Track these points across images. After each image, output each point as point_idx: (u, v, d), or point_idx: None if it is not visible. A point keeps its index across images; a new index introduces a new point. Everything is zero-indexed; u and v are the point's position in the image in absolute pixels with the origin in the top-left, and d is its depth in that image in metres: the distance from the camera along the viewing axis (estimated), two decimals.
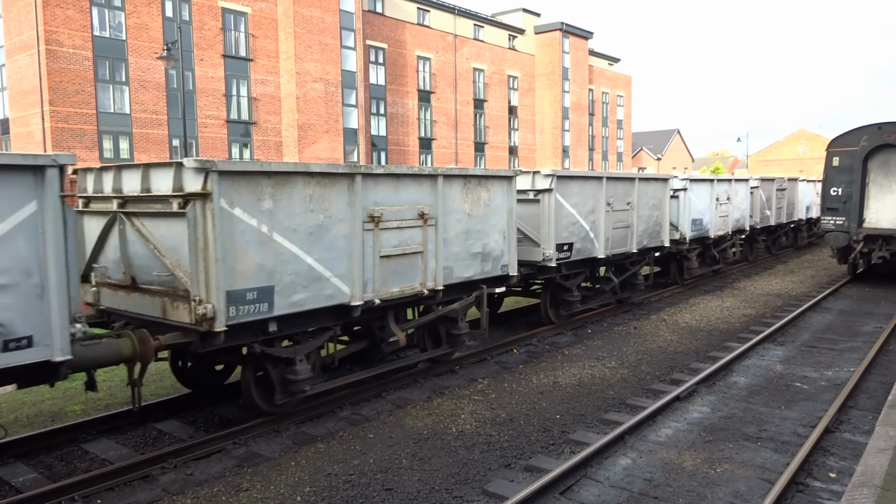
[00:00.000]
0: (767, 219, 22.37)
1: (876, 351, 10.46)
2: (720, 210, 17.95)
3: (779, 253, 24.82)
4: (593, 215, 12.38)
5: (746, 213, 19.91)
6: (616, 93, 64.90)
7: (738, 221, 19.45)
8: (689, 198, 16.18)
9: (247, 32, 32.99)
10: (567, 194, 11.64)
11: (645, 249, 14.36)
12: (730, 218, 18.65)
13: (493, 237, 9.81)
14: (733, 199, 18.78)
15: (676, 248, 16.22)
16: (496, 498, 5.81)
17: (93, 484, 6.03)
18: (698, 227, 16.82)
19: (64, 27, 26.72)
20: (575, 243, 11.91)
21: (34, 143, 27.24)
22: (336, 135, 35.80)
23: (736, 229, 19.32)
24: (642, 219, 13.96)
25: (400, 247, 8.25)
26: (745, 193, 19.72)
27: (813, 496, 5.85)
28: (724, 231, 18.38)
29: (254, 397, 7.48)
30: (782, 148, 76.38)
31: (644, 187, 13.99)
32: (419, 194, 8.50)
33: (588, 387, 9.05)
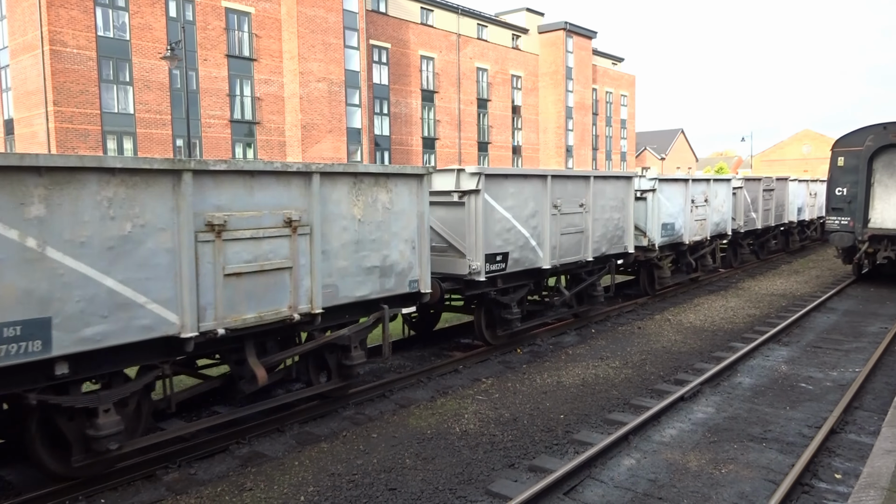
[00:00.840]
0: (753, 222, 20.63)
1: (881, 351, 10.41)
2: (696, 213, 16.33)
3: (768, 258, 23.17)
4: (535, 220, 10.72)
5: (728, 216, 18.20)
6: (620, 92, 64.81)
7: (719, 225, 17.72)
8: (658, 199, 14.60)
9: (250, 32, 33.03)
10: (500, 196, 9.99)
11: (604, 257, 12.66)
12: (708, 222, 16.96)
13: (396, 248, 8.23)
14: (712, 200, 17.09)
15: (644, 256, 14.57)
16: (500, 498, 5.79)
17: (96, 483, 6.03)
18: (670, 231, 15.19)
19: (68, 27, 26.77)
20: (511, 252, 10.27)
21: (38, 143, 27.32)
22: (339, 134, 35.82)
23: (716, 234, 17.67)
24: (599, 223, 12.31)
25: (256, 262, 6.62)
26: (726, 195, 18.00)
27: (818, 497, 5.82)
28: (702, 236, 16.72)
29: (42, 459, 5.83)
30: (786, 148, 76.19)
31: (601, 187, 12.35)
32: (285, 196, 6.88)
33: (592, 387, 9.03)
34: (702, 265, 17.37)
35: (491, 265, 9.90)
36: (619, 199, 12.99)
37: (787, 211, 23.66)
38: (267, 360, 7.18)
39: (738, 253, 20.82)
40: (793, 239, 25.33)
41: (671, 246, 15.60)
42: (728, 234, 18.36)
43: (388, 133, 41.56)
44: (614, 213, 12.82)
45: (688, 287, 17.24)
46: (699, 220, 16.52)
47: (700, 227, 16.62)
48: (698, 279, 17.85)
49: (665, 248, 15.32)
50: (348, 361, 7.95)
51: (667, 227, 14.99)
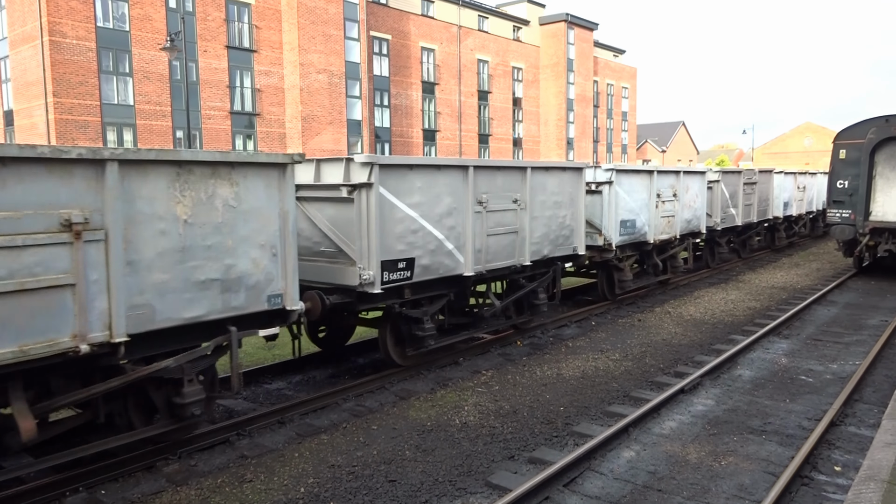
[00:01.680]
0: (732, 218, 18.83)
1: (882, 344, 10.41)
2: (663, 209, 14.59)
3: (750, 257, 21.43)
4: (452, 219, 9.05)
5: (702, 212, 16.42)
6: (621, 84, 64.62)
7: (691, 223, 15.94)
8: (616, 193, 12.96)
9: (250, 23, 32.90)
10: (402, 190, 8.35)
11: (547, 260, 11.07)
12: (678, 218, 15.19)
13: (246, 255, 6.56)
14: (683, 195, 15.35)
15: (600, 257, 13.06)
16: (500, 490, 5.80)
17: (96, 475, 6.04)
18: (631, 229, 13.49)
19: (67, 18, 26.67)
20: (419, 258, 8.62)
21: (38, 134, 27.27)
22: (340, 126, 35.74)
23: (689, 232, 15.92)
24: (540, 221, 10.65)
25: (15, 280, 5.01)
26: (699, 189, 16.24)
27: (818, 490, 5.83)
28: (670, 234, 14.97)
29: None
30: (788, 140, 76.08)
31: (542, 180, 10.65)
32: (62, 193, 5.27)
33: (592, 379, 9.03)
34: (672, 266, 15.68)
35: (390, 273, 8.29)
36: (567, 193, 11.28)
37: (771, 206, 21.90)
38: (39, 408, 5.57)
39: (716, 252, 19.12)
40: (779, 236, 23.61)
41: (634, 245, 13.93)
42: (702, 231, 16.51)
43: (388, 125, 41.47)
44: (560, 209, 11.10)
45: (656, 290, 15.67)
46: (667, 217, 14.71)
47: (668, 225, 14.81)
48: (668, 282, 16.15)
49: (626, 248, 13.69)
50: (179, 399, 6.35)
51: (627, 224, 13.30)
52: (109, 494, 5.86)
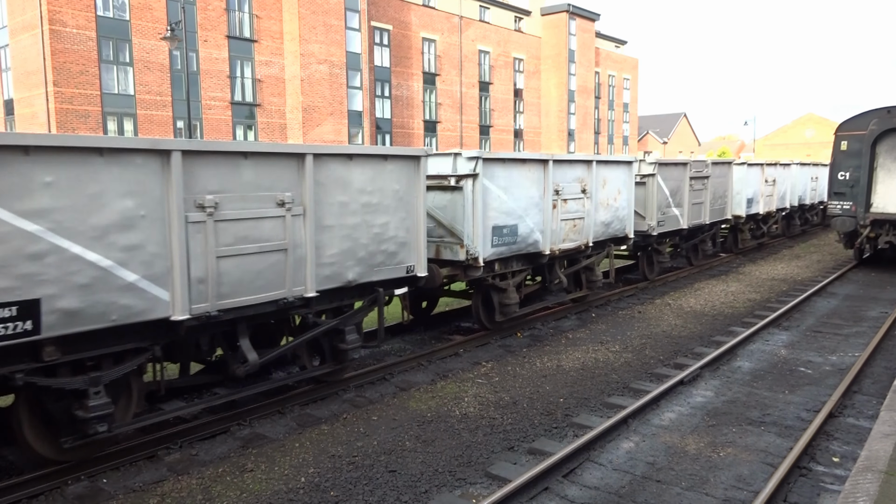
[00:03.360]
0: (675, 219, 15.57)
1: (881, 336, 10.43)
2: (565, 210, 11.40)
3: (706, 264, 18.34)
4: None
5: (627, 212, 13.24)
6: (623, 76, 64.40)
7: (611, 226, 12.81)
8: (483, 191, 9.64)
9: (251, 13, 32.77)
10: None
11: (356, 287, 8.03)
12: (588, 222, 12.01)
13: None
14: (597, 192, 12.19)
15: (465, 275, 9.91)
16: (499, 480, 5.83)
17: (98, 463, 6.07)
18: (509, 238, 10.27)
19: (67, 7, 26.57)
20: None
21: (38, 123, 27.22)
22: (340, 117, 35.66)
23: (607, 237, 12.83)
24: (337, 233, 7.57)
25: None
26: (623, 184, 13.03)
27: (816, 480, 5.86)
28: (578, 242, 11.85)
29: None
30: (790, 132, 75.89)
31: (341, 175, 7.57)
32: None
33: (592, 370, 9.05)
34: (588, 280, 12.80)
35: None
36: (391, 192, 8.17)
37: (730, 203, 18.77)
38: None
39: (656, 261, 15.74)
40: (743, 237, 20.41)
41: (522, 258, 10.92)
42: (629, 236, 13.52)
43: (389, 116, 41.37)
44: (378, 215, 8.01)
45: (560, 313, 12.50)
46: (571, 220, 11.56)
47: (573, 230, 11.69)
48: (585, 299, 13.13)
49: (508, 262, 10.64)
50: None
51: (504, 231, 10.14)
52: (111, 483, 5.89)
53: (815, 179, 25.89)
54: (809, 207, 26.20)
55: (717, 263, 18.79)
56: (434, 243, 9.83)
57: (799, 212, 25.09)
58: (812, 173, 25.60)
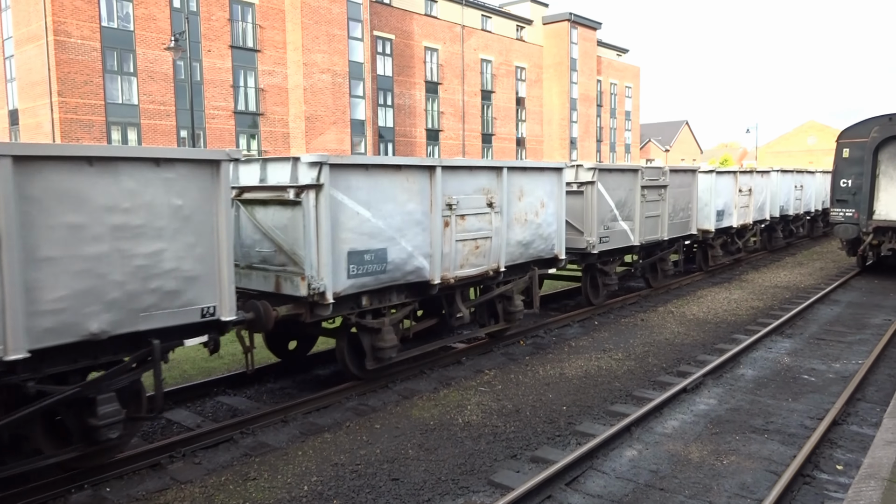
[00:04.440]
0: (623, 235, 13.38)
1: (885, 343, 10.40)
2: (463, 228, 9.19)
3: (666, 285, 16.04)
4: None
5: (554, 228, 11.07)
6: (624, 84, 64.56)
7: (531, 246, 10.60)
8: (335, 206, 7.48)
9: (254, 23, 32.97)
10: None
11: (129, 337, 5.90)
12: (498, 242, 9.79)
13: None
14: (511, 205, 10.06)
15: (312, 316, 7.65)
16: (502, 489, 5.82)
17: (101, 472, 6.08)
18: (376, 265, 8.04)
19: (72, 18, 26.77)
20: None
21: (43, 133, 27.37)
22: (343, 126, 35.79)
23: (528, 260, 10.67)
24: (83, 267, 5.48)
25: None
26: (548, 194, 10.88)
27: (819, 488, 5.84)
28: (482, 267, 9.65)
29: None
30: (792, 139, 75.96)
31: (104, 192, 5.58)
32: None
33: (594, 378, 9.05)
34: (507, 311, 10.57)
35: None
36: (167, 209, 5.99)
37: (695, 216, 16.44)
38: None
39: (602, 283, 13.36)
40: (713, 254, 18.15)
41: (403, 289, 8.69)
42: (559, 257, 11.29)
43: (391, 125, 41.52)
44: (143, 241, 5.83)
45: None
46: (471, 241, 9.32)
47: (475, 253, 9.43)
48: (505, 332, 10.91)
49: (381, 295, 8.42)
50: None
51: (363, 257, 7.80)
52: (114, 492, 5.90)
53: (799, 188, 23.67)
54: (794, 218, 23.91)
55: (726, 267, 18.77)
56: (274, 274, 7.59)
57: (781, 223, 22.93)
58: (796, 181, 23.34)
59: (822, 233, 27.71)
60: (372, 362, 8.42)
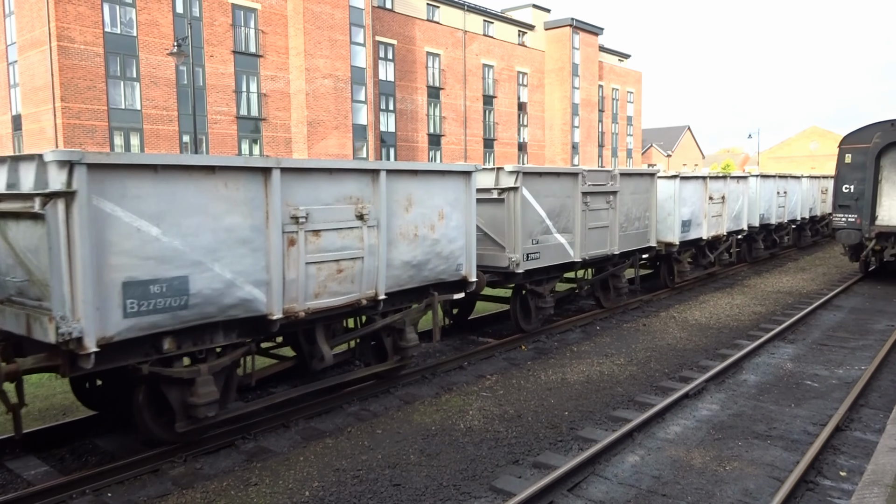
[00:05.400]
0: (558, 251, 11.40)
1: (888, 349, 10.37)
2: (317, 248, 7.29)
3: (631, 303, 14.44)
4: None
5: (462, 245, 9.17)
6: (626, 89, 64.62)
7: (426, 268, 8.71)
8: (90, 215, 5.44)
9: (257, 29, 33.07)
10: None
11: None
12: (365, 267, 7.81)
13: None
14: (392, 217, 8.11)
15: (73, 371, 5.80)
16: (504, 494, 5.81)
17: (103, 478, 6.07)
18: (176, 299, 6.08)
19: (75, 23, 26.86)
20: None
21: (46, 139, 27.45)
22: (345, 131, 35.85)
23: (421, 284, 8.78)
24: None
25: None
26: (448, 203, 8.91)
27: (823, 495, 5.82)
28: (350, 296, 7.72)
29: None
30: (794, 144, 75.97)
31: None
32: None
33: (597, 383, 9.03)
34: (397, 347, 8.82)
35: None
36: None
37: (654, 227, 14.38)
38: None
39: (534, 307, 11.45)
40: (680, 268, 16.25)
41: (240, 324, 6.86)
42: (470, 279, 9.42)
43: (393, 129, 41.58)
44: None
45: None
46: (329, 262, 7.39)
47: (336, 278, 7.49)
48: (399, 371, 9.08)
49: (195, 336, 6.52)
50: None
51: (149, 289, 5.87)
52: (115, 497, 5.89)
53: (782, 194, 21.91)
54: (777, 228, 22.09)
55: (729, 272, 18.73)
56: (25, 312, 5.66)
57: (763, 233, 21.22)
58: (779, 187, 21.61)
59: (811, 242, 26.27)
60: (183, 423, 6.53)
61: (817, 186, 26.01)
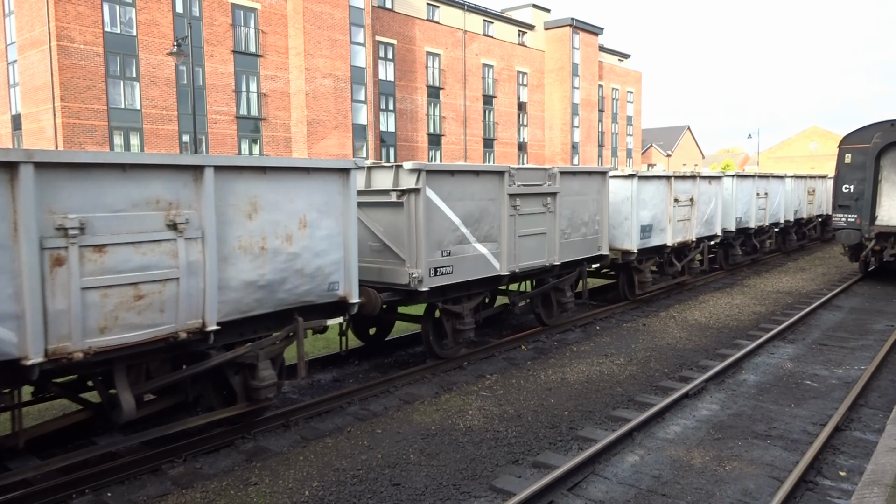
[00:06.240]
0: (478, 263, 9.72)
1: (887, 349, 10.38)
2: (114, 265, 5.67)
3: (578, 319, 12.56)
4: None
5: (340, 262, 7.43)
6: (626, 89, 64.63)
7: (279, 290, 7.03)
8: None
9: (256, 28, 33.06)
10: None
11: None
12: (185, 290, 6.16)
13: None
14: (224, 228, 6.47)
15: None
16: (504, 494, 5.81)
17: (103, 477, 6.07)
18: None
19: (75, 23, 26.86)
20: None
21: (46, 138, 27.44)
22: (345, 131, 35.85)
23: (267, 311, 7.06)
24: None
25: None
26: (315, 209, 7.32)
27: (822, 494, 5.82)
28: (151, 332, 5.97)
29: None
30: (794, 144, 75.96)
31: None
32: None
33: (596, 383, 9.03)
34: (248, 388, 7.20)
35: None
36: None
37: (605, 233, 12.69)
38: None
39: (450, 329, 9.86)
40: (641, 278, 14.53)
41: None
42: (350, 300, 7.79)
43: (393, 129, 41.58)
44: None
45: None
46: (122, 286, 5.75)
47: (133, 307, 5.84)
48: (254, 417, 7.38)
49: None
50: None
51: None
52: (115, 497, 5.89)
53: (762, 196, 20.22)
54: (757, 232, 20.38)
55: (727, 273, 18.72)
56: None
57: (742, 238, 19.63)
58: (758, 188, 19.85)
59: (797, 246, 24.69)
60: None
61: (803, 187, 24.27)
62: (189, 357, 6.83)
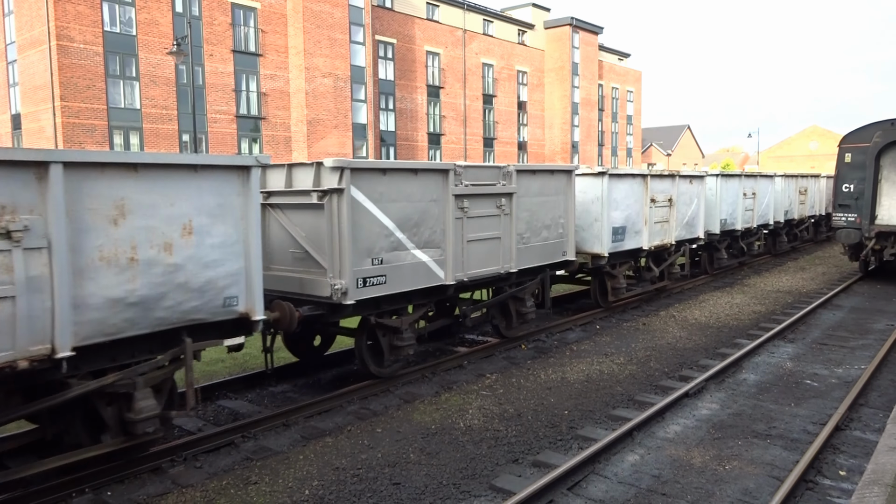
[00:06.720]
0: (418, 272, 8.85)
1: (888, 348, 10.38)
2: None
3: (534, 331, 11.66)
4: None
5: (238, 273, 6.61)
6: (626, 88, 64.62)
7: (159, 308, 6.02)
8: None
9: (256, 28, 33.04)
10: None
11: None
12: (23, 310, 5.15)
13: None
14: (79, 236, 5.46)
15: None
16: (504, 493, 5.81)
17: (103, 476, 6.07)
18: None
19: (75, 23, 26.84)
20: None
21: (45, 138, 27.43)
22: (345, 130, 35.84)
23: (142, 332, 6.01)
24: None
25: None
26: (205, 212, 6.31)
27: (823, 494, 5.82)
28: None
29: None
30: (794, 144, 75.97)
31: None
32: None
33: (596, 383, 9.03)
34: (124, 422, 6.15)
35: None
36: None
37: (571, 237, 11.73)
38: None
39: (386, 346, 8.86)
40: (614, 284, 13.56)
41: None
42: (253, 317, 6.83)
43: (393, 129, 41.56)
44: None
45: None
46: None
47: None
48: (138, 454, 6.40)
49: None
50: None
51: None
52: (115, 496, 5.89)
53: (750, 196, 19.30)
54: (744, 234, 19.47)
55: (728, 272, 18.72)
56: None
57: (727, 241, 18.70)
58: (745, 188, 18.93)
59: (788, 248, 23.79)
60: None
61: (794, 186, 23.33)
62: (46, 388, 5.71)
